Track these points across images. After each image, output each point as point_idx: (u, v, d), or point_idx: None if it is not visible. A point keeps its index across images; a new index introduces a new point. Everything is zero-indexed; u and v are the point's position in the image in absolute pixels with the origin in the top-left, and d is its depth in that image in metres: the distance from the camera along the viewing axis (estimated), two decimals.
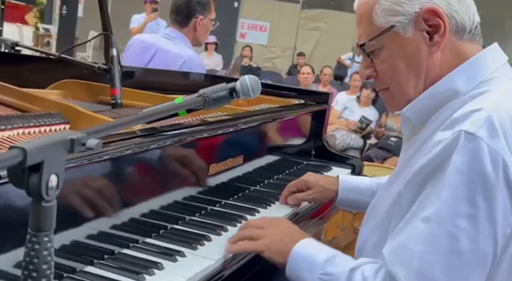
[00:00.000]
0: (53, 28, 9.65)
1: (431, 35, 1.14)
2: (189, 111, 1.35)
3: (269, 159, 2.01)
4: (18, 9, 14.16)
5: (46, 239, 0.73)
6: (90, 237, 1.18)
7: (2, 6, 4.37)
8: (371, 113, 5.57)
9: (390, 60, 1.18)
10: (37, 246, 0.72)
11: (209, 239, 1.35)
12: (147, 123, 1.37)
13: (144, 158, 1.33)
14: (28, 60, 2.28)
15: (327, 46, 10.58)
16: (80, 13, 10.43)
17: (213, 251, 1.29)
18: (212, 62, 8.99)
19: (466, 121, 1.03)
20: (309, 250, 1.21)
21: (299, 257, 1.19)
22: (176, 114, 1.34)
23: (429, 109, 1.16)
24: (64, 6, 4.54)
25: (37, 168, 0.69)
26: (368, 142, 5.72)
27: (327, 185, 1.66)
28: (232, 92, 1.33)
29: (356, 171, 2.24)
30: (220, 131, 1.61)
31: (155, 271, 1.15)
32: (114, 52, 1.92)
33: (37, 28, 10.83)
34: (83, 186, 1.16)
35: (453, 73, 1.15)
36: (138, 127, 1.35)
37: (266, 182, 1.94)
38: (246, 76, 1.34)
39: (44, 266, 0.73)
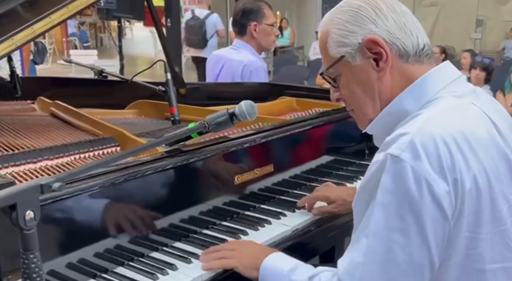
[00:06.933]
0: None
1: (377, 61, 1.24)
2: (200, 133, 1.58)
3: (325, 159, 2.19)
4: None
5: (32, 256, 1.01)
6: (127, 241, 1.46)
7: (119, 24, 4.89)
8: None
9: (348, 85, 1.30)
10: (26, 261, 1.01)
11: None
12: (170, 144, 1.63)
13: (173, 175, 1.61)
14: (114, 84, 2.66)
15: (448, 22, 10.08)
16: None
17: None
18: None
19: (394, 144, 1.13)
20: (276, 262, 1.38)
21: (268, 269, 1.37)
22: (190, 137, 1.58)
23: (387, 127, 1.25)
24: (168, 19, 4.95)
25: (14, 207, 0.98)
26: None
27: (348, 197, 1.73)
28: (233, 117, 1.53)
29: None
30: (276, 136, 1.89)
31: (169, 271, 1.41)
32: (168, 76, 2.21)
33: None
34: (122, 201, 1.46)
35: (402, 95, 1.24)
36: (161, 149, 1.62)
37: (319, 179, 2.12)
38: (242, 103, 1.53)
39: (34, 274, 1.01)
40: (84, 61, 7.25)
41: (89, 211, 1.37)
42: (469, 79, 5.36)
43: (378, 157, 1.17)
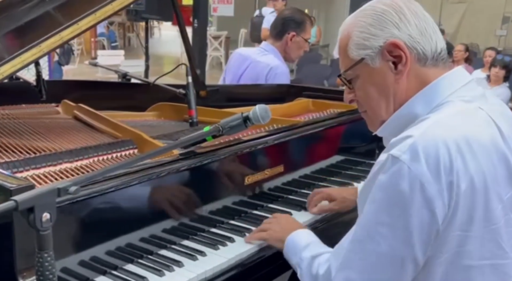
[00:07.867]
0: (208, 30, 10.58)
1: (395, 64, 1.29)
2: (214, 137, 1.63)
3: (335, 159, 2.26)
4: (183, 12, 15.50)
5: (46, 255, 1.08)
6: (138, 239, 1.53)
7: (146, 25, 4.99)
8: (503, 92, 5.28)
9: (364, 87, 1.35)
10: (41, 260, 1.08)
11: (232, 240, 1.66)
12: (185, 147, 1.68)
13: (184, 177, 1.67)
14: (137, 86, 2.73)
15: (474, 19, 9.93)
16: (231, 12, 11.17)
17: (231, 251, 1.59)
18: None
19: (397, 146, 1.19)
20: (297, 238, 1.53)
21: (289, 243, 1.52)
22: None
23: (397, 130, 1.30)
24: (196, 20, 4.99)
25: (32, 210, 1.05)
26: None
27: (348, 196, 1.89)
28: (246, 120, 1.59)
29: None
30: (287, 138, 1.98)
31: (175, 268, 1.49)
32: (189, 79, 2.28)
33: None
34: (136, 201, 1.53)
35: (414, 99, 1.29)
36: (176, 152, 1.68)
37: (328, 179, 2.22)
38: (257, 107, 1.59)
39: (47, 272, 1.09)
40: (111, 61, 7.41)
41: (104, 211, 1.45)
42: (488, 77, 5.39)
43: (381, 157, 1.23)
